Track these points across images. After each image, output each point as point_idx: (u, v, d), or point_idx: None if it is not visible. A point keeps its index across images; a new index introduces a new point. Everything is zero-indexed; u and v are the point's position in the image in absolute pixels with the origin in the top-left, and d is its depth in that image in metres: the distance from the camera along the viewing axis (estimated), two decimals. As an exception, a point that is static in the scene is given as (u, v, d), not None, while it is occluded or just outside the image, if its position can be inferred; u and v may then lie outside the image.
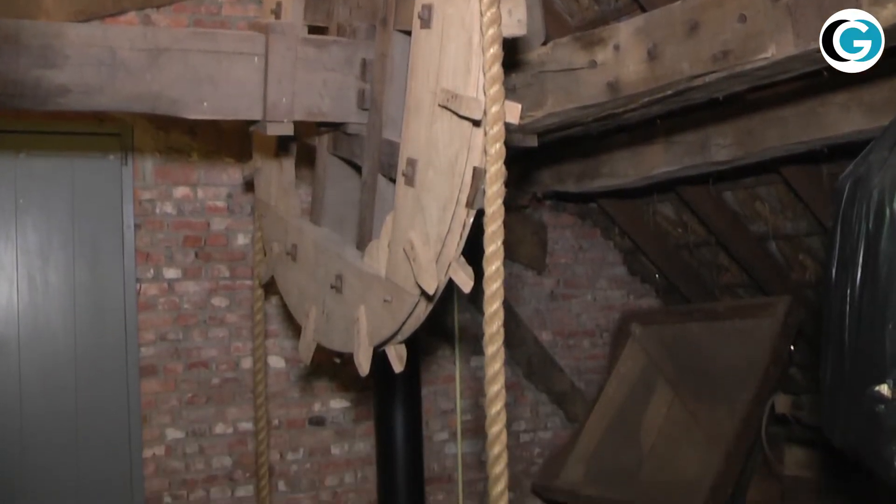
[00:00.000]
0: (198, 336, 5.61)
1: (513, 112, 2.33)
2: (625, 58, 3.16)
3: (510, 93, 2.42)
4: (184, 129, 5.51)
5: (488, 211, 2.32)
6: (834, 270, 2.62)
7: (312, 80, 3.23)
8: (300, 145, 4.07)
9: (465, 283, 2.45)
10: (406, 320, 2.81)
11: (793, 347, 5.70)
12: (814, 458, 4.73)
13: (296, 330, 5.35)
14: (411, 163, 2.69)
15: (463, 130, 2.43)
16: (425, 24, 2.62)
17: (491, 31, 2.29)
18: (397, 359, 2.99)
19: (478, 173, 2.37)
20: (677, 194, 6.03)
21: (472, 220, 2.48)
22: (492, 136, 2.30)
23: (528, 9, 2.46)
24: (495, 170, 2.31)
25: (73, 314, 5.29)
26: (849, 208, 2.55)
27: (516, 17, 2.40)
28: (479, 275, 2.39)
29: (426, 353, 6.15)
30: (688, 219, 6.48)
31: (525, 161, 5.74)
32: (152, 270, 5.51)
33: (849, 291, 2.51)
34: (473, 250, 2.50)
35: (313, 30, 3.57)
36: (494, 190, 2.31)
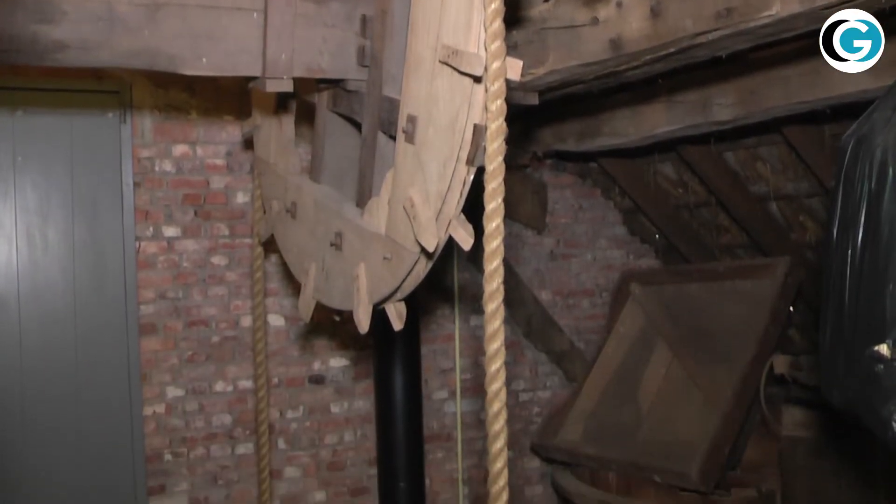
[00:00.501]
0: (197, 294, 5.62)
1: (514, 68, 2.30)
2: (627, 15, 3.13)
3: (511, 49, 2.39)
4: (182, 86, 5.47)
5: (489, 168, 2.30)
6: (835, 231, 2.61)
7: (312, 36, 3.21)
8: (299, 102, 4.05)
9: (465, 240, 2.44)
10: (406, 278, 2.81)
11: (792, 308, 5.71)
12: (811, 418, 4.75)
13: (295, 288, 5.36)
14: (411, 120, 2.67)
15: (464, 87, 2.41)
16: (426, -22, 2.59)
17: (492, -14, 2.26)
18: (397, 316, 2.99)
19: (478, 130, 2.35)
20: (678, 154, 6.01)
21: (472, 177, 2.47)
22: (493, 93, 2.28)
23: (529, -36, 2.43)
24: (496, 126, 2.29)
25: (72, 272, 5.29)
26: (851, 168, 2.54)
27: (518, -29, 2.37)
28: (478, 233, 2.38)
29: (426, 313, 6.16)
30: (688, 179, 6.47)
31: (525, 120, 5.72)
32: (151, 229, 5.50)
33: (850, 252, 2.50)
34: (473, 208, 2.49)
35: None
36: (495, 147, 2.29)
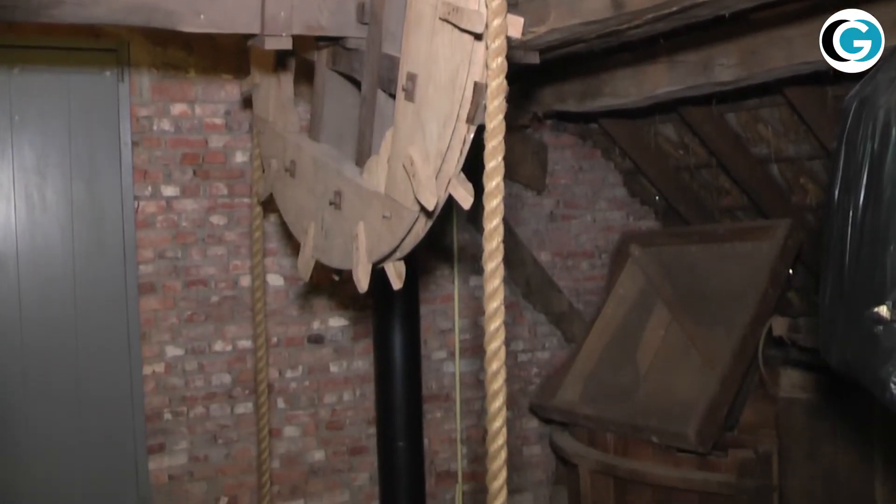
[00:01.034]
0: (196, 254, 5.61)
1: (515, 26, 2.28)
2: (629, -27, 3.10)
3: (512, 7, 2.36)
4: (180, 44, 5.43)
5: (489, 126, 2.28)
6: (836, 191, 2.60)
7: (311, -8, 3.17)
8: (299, 60, 4.02)
9: (465, 199, 2.43)
10: (405, 237, 2.80)
11: (791, 271, 5.70)
12: (809, 380, 4.76)
13: (294, 248, 5.35)
14: (411, 77, 2.65)
15: (464, 44, 2.38)
16: (426, -66, 2.56)
17: (493, -59, 2.24)
18: (396, 276, 2.98)
19: (479, 88, 2.34)
20: (679, 115, 5.98)
21: (472, 136, 2.45)
22: (493, 51, 2.26)
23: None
24: (496, 84, 2.27)
25: (71, 232, 5.28)
26: (854, 128, 2.52)
27: (519, -74, 2.34)
28: (478, 192, 2.37)
29: (425, 273, 6.16)
30: (689, 140, 6.44)
31: (526, 80, 5.68)
32: (150, 188, 5.49)
33: (851, 213, 2.49)
34: (473, 168, 2.48)
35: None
36: (496, 105, 2.27)
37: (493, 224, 2.25)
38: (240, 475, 5.73)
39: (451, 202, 2.55)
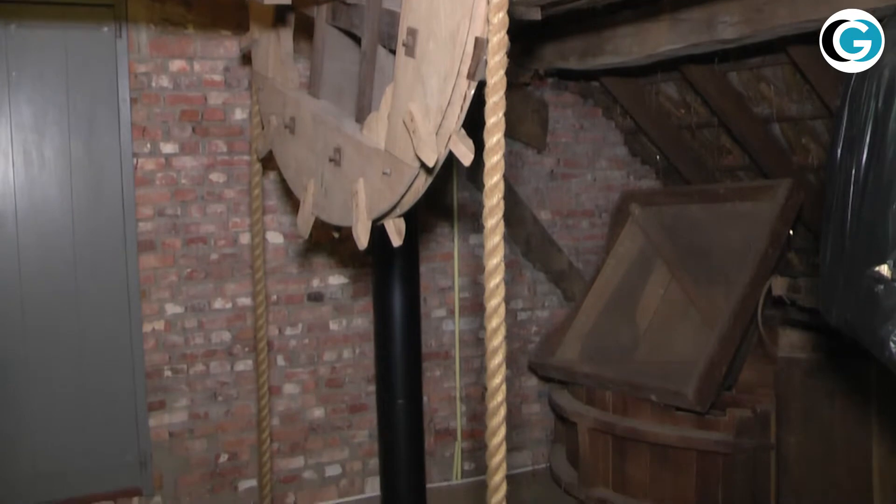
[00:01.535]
0: (196, 211, 5.60)
1: (517, -20, 2.26)
2: (633, -73, 3.06)
3: (514, -39, 2.34)
4: (179, -1, 5.40)
5: (490, 82, 2.26)
6: (839, 151, 2.58)
7: (310, -54, 3.14)
8: (298, 16, 3.98)
9: (465, 155, 2.42)
10: (405, 193, 2.78)
11: (791, 232, 5.70)
12: (808, 340, 4.77)
13: (294, 206, 5.35)
14: (412, 33, 2.62)
15: (465, -1, 2.36)
16: None
17: None
18: (396, 233, 2.97)
19: (479, 44, 2.31)
20: (681, 74, 5.95)
21: (473, 91, 2.43)
22: (494, 5, 2.23)
23: None
24: (497, 40, 2.25)
25: (69, 189, 5.27)
26: (858, 87, 2.50)
27: None
28: (479, 150, 2.36)
29: (424, 231, 6.15)
30: (691, 99, 6.41)
31: (527, 36, 5.64)
32: (149, 145, 5.46)
33: (853, 172, 2.48)
34: (474, 126, 2.46)
35: None
36: (497, 60, 2.25)
37: (494, 180, 2.24)
38: (240, 432, 5.76)
39: (451, 159, 2.54)
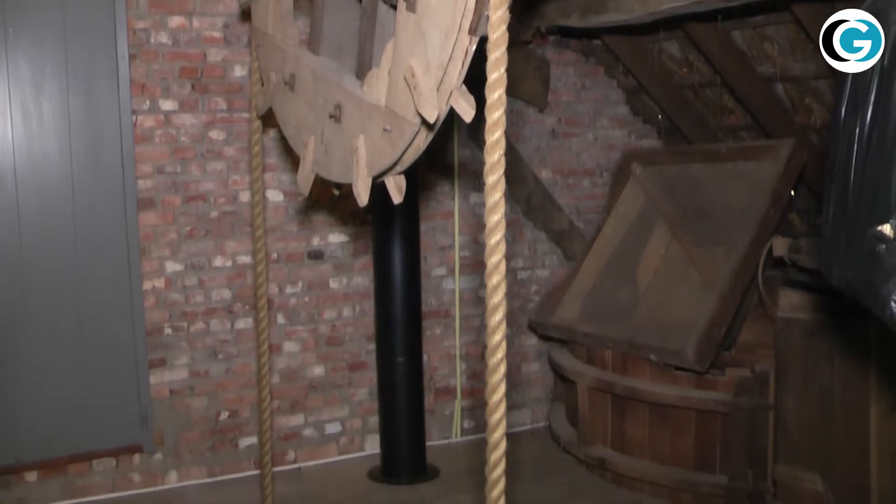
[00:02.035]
0: (195, 169, 5.58)
1: (520, -67, 2.22)
2: None
3: (517, -86, 2.30)
4: (177, -46, 5.35)
5: (492, 37, 2.23)
6: (843, 109, 2.56)
7: None
8: (298, -29, 3.94)
9: (467, 112, 2.39)
10: (406, 150, 2.76)
11: (793, 192, 5.68)
12: (808, 300, 4.77)
13: (294, 164, 5.33)
14: (413, -13, 2.59)
15: (467, -48, 2.32)
16: None
17: None
18: (396, 190, 2.95)
19: (481, -2, 2.28)
20: (684, 32, 5.90)
21: (474, 47, 2.40)
22: (497, -41, 2.20)
23: None
24: (500, -6, 2.22)
25: (68, 145, 5.24)
26: (863, 44, 2.48)
27: None
28: (480, 107, 2.33)
29: (425, 189, 6.13)
30: (693, 58, 6.37)
31: (530, -7, 5.60)
32: (148, 102, 5.44)
33: (857, 131, 2.46)
34: (475, 83, 2.43)
35: None
36: (498, 15, 2.22)
37: (495, 136, 2.22)
38: (240, 390, 5.78)
39: (452, 117, 2.52)
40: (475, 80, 2.41)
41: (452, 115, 2.49)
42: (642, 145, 7.06)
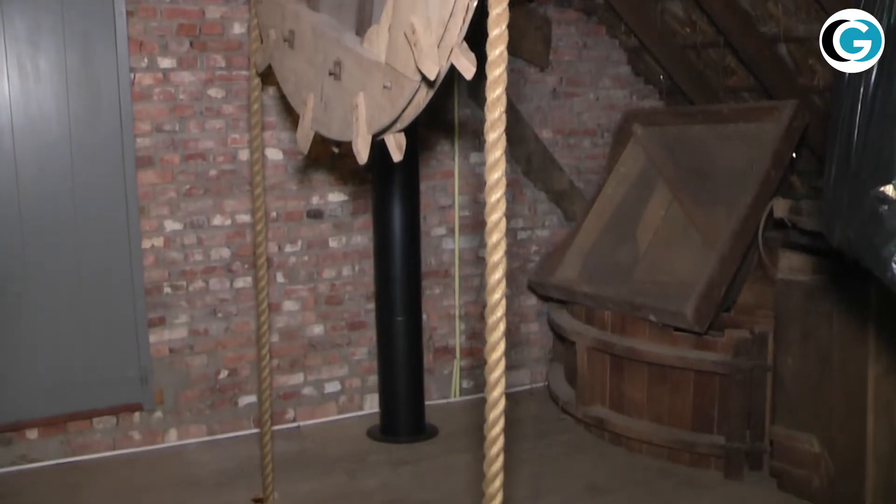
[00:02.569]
0: (194, 127, 5.56)
1: None
2: None
3: None
4: None
5: (493, -7, 2.21)
6: (847, 69, 2.54)
7: None
8: (297, -75, 3.89)
9: (468, 69, 2.37)
10: (406, 107, 2.74)
11: (795, 154, 5.65)
12: (808, 262, 4.76)
13: (293, 123, 5.30)
14: (414, -59, 2.56)
15: None
16: None
17: None
18: (396, 147, 2.93)
19: (482, -48, 2.25)
20: (687, -10, 5.85)
21: (475, 3, 2.38)
22: (499, -88, 2.17)
23: None
24: (502, -51, 2.19)
25: (66, 103, 5.21)
26: (869, 3, 2.45)
27: None
28: (481, 66, 2.31)
29: (425, 149, 6.11)
30: (696, 18, 6.31)
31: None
32: (146, 59, 5.40)
33: (862, 90, 2.44)
34: (476, 41, 2.41)
35: None
36: (500, -29, 2.20)
37: (497, 93, 2.20)
38: (239, 348, 5.80)
39: (452, 75, 2.50)
40: (476, 37, 2.39)
41: (453, 74, 2.47)
42: (644, 106, 7.02)
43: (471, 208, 6.38)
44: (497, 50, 2.20)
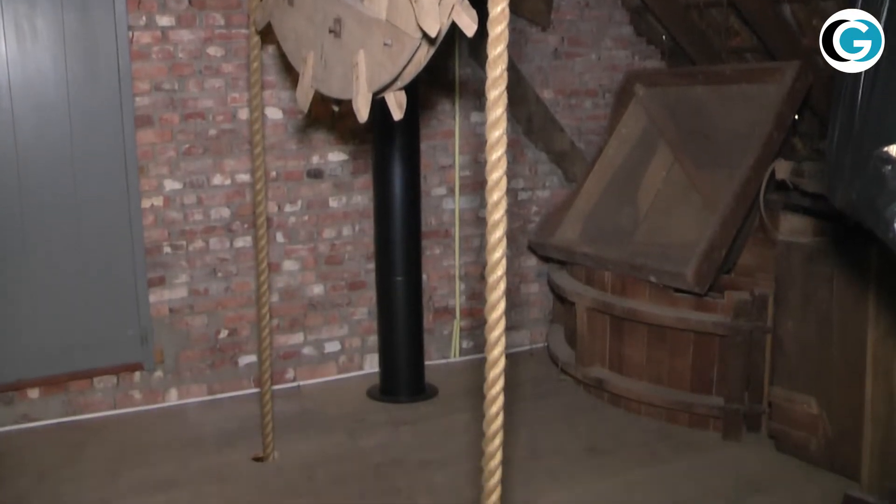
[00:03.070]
0: (193, 86, 5.52)
1: None
2: None
3: None
4: None
5: (495, -51, 2.19)
6: (852, 28, 2.52)
7: None
8: None
9: (469, 26, 2.35)
10: (406, 65, 2.72)
11: (797, 116, 5.62)
12: (809, 225, 4.74)
13: (293, 82, 5.27)
14: None
15: None
16: None
17: None
18: (397, 105, 2.92)
19: None
20: (691, -51, 5.80)
21: (477, -40, 2.36)
22: None
23: None
24: None
25: (63, 62, 5.17)
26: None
27: None
28: (482, 24, 2.29)
29: (425, 108, 6.08)
30: (699, -23, 6.26)
31: None
32: (144, 18, 5.35)
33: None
34: (478, -1, 2.39)
35: None
36: (502, -74, 2.17)
37: (498, 51, 2.18)
38: (239, 308, 5.80)
39: (453, 33, 2.48)
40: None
41: (454, 32, 2.46)
42: (646, 66, 6.98)
43: (471, 168, 6.36)
44: (499, 7, 2.18)
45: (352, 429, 5.33)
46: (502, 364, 2.32)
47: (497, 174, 2.20)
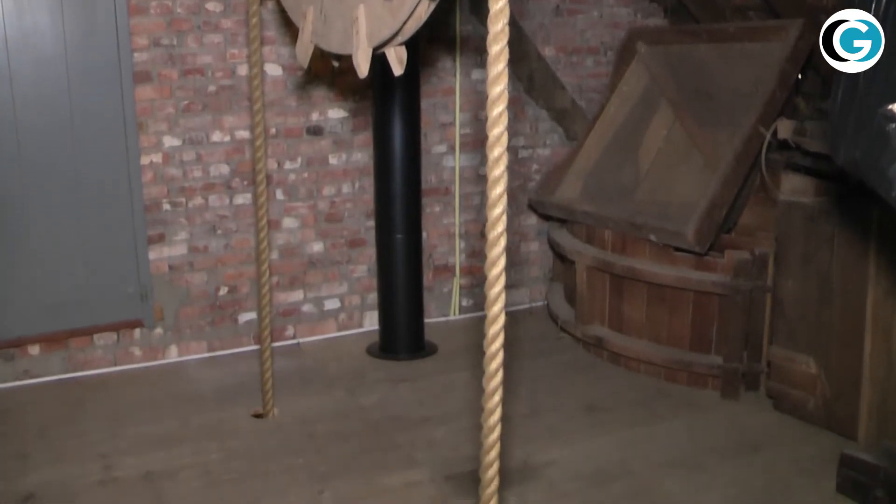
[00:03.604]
0: (192, 42, 5.48)
1: None
2: None
3: None
4: None
5: None
6: (857, -14, 2.50)
7: None
8: None
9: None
10: (407, 20, 2.70)
11: (800, 75, 5.59)
12: (810, 184, 4.73)
13: (293, 37, 5.23)
14: None
15: None
16: None
17: None
18: (397, 61, 2.90)
19: None
20: None
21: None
22: None
23: None
24: None
25: (60, 17, 5.13)
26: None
27: None
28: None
29: (426, 65, 6.04)
30: (704, -67, 6.20)
31: None
32: (143, -29, 5.31)
33: (873, 7, 2.40)
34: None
35: None
36: None
37: (500, 5, 2.16)
38: (239, 265, 5.80)
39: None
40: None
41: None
42: (648, 24, 6.92)
43: (472, 126, 6.33)
44: (501, -40, 2.15)
45: (351, 386, 5.35)
46: (502, 320, 2.32)
47: (498, 129, 2.19)
